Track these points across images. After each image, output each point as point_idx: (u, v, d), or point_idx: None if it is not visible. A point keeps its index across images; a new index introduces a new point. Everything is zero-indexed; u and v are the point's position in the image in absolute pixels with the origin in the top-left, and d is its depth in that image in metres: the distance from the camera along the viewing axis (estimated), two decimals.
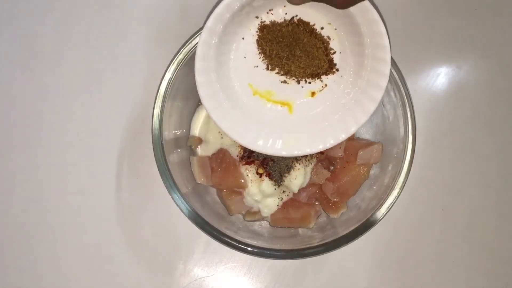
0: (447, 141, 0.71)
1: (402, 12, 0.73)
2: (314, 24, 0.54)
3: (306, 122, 0.58)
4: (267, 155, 0.60)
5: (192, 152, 0.67)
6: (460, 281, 0.69)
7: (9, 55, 0.72)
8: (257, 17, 0.54)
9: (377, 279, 0.69)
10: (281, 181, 0.63)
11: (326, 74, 0.56)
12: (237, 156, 0.64)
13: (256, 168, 0.63)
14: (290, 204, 0.64)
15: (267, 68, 0.56)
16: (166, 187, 0.58)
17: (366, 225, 0.58)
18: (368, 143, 0.64)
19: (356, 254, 0.68)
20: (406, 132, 0.59)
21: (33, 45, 0.72)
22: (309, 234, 0.63)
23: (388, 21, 0.73)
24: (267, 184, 0.63)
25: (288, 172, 0.62)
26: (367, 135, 0.67)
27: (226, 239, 0.57)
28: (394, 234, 0.69)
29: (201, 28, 0.51)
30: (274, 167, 0.62)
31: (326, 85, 0.57)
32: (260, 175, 0.63)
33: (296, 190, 0.63)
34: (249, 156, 0.63)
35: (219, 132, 0.64)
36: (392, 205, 0.58)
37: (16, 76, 0.72)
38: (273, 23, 0.54)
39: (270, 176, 0.62)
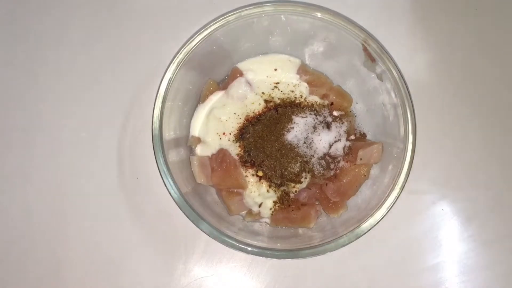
0: (447, 141, 0.71)
1: (402, 12, 0.73)
2: None
3: None
4: (266, 157, 0.60)
5: (192, 152, 0.67)
6: (460, 281, 0.69)
7: (9, 55, 0.72)
8: None
9: (377, 279, 0.68)
10: (281, 183, 0.62)
11: None
12: (237, 155, 0.63)
13: (256, 170, 0.63)
14: (290, 204, 0.64)
15: None
16: (166, 187, 0.58)
17: (366, 225, 0.58)
18: (368, 143, 0.64)
19: (356, 254, 0.68)
20: (406, 132, 0.59)
21: (33, 45, 0.72)
22: (309, 234, 0.63)
23: (388, 21, 0.73)
24: (266, 186, 0.63)
25: (288, 174, 0.62)
26: (367, 135, 0.67)
27: (226, 239, 0.57)
28: (394, 234, 0.69)
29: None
30: (273, 170, 0.62)
31: None
32: (260, 178, 0.63)
33: (295, 193, 0.63)
34: (248, 157, 0.63)
35: (217, 133, 0.64)
36: (392, 205, 0.58)
37: (16, 76, 0.72)
38: None
39: (269, 178, 0.62)
